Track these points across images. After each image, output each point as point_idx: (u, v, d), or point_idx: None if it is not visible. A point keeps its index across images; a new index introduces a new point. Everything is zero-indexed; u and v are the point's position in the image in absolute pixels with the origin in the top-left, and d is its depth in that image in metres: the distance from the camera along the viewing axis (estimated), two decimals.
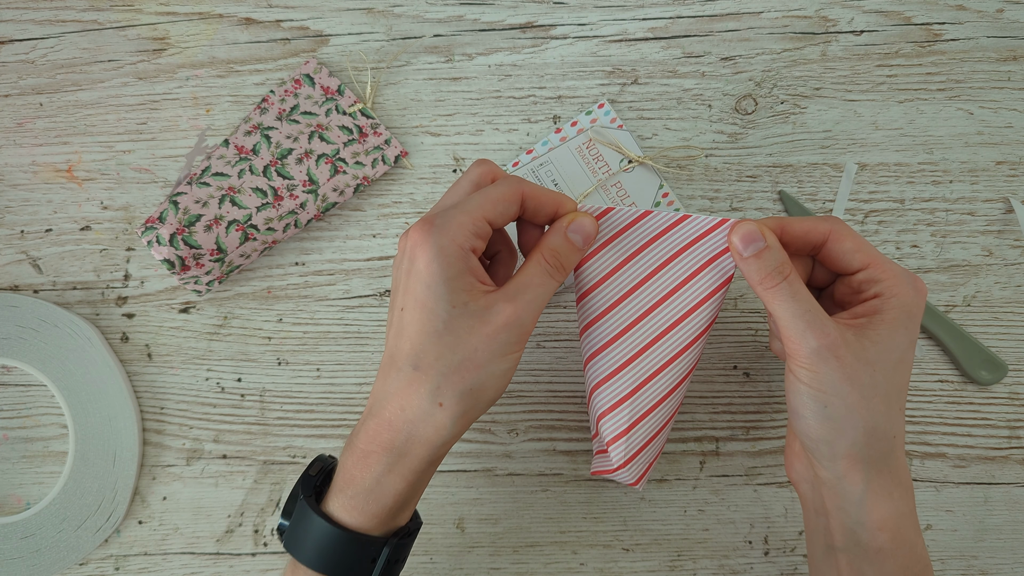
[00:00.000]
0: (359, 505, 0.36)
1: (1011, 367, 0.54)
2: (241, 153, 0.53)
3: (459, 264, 0.35)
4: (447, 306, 0.34)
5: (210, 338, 0.55)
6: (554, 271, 0.37)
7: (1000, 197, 0.56)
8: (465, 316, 0.35)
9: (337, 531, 0.36)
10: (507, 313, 0.35)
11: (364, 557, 0.36)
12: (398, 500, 0.36)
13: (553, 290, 0.38)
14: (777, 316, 0.36)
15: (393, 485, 0.36)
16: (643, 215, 0.41)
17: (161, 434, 0.55)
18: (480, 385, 0.35)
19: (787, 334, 0.36)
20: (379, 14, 0.57)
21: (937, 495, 0.54)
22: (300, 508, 0.37)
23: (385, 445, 0.36)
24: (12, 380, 0.55)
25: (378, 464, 0.36)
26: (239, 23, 0.57)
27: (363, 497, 0.36)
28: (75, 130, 0.56)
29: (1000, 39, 0.57)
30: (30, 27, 0.57)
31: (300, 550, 0.36)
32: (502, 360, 0.35)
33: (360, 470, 0.36)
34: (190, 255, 0.50)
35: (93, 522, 0.53)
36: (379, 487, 0.36)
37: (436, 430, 0.35)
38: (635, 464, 0.41)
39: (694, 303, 0.40)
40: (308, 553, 0.36)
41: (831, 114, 0.56)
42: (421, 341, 0.35)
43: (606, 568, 0.54)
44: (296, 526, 0.37)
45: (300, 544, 0.36)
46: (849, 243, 0.37)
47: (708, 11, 0.57)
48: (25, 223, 0.56)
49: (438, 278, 0.34)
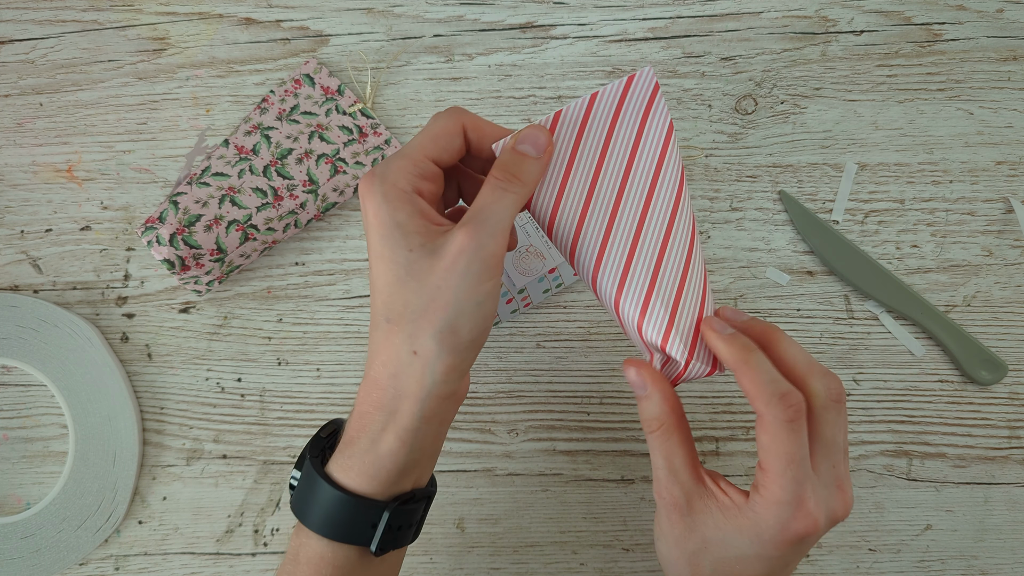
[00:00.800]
0: (356, 466, 0.35)
1: (1011, 367, 0.54)
2: (241, 153, 0.53)
3: (406, 208, 0.34)
4: (404, 251, 0.33)
5: (210, 338, 0.55)
6: (507, 184, 0.34)
7: (1000, 197, 0.56)
8: (423, 257, 0.33)
9: (336, 493, 0.35)
10: (460, 240, 0.33)
11: (363, 521, 0.35)
12: (394, 460, 0.35)
13: (513, 206, 0.35)
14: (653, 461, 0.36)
15: (388, 445, 0.35)
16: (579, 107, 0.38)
17: (161, 434, 0.54)
18: (452, 324, 0.33)
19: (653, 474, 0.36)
20: (379, 14, 0.57)
21: (937, 495, 0.54)
22: (306, 469, 0.36)
23: (376, 404, 0.35)
24: (12, 380, 0.55)
25: (372, 424, 0.35)
26: (239, 23, 0.57)
27: (359, 458, 0.35)
28: (75, 130, 0.56)
29: (1000, 39, 0.57)
30: (30, 27, 0.57)
31: (304, 512, 0.36)
32: (472, 293, 0.33)
33: (357, 431, 0.36)
34: (190, 255, 0.50)
35: (93, 522, 0.53)
36: (374, 448, 0.35)
37: (417, 381, 0.34)
38: (700, 350, 0.37)
39: (655, 165, 0.37)
40: (311, 515, 0.36)
41: (831, 114, 0.56)
42: (388, 292, 0.34)
43: (606, 568, 0.54)
44: (302, 487, 0.36)
45: (304, 505, 0.36)
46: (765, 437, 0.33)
47: (708, 11, 0.57)
48: (25, 223, 0.56)
49: (388, 225, 0.33)
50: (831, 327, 0.55)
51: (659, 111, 0.37)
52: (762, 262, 0.55)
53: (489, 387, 0.55)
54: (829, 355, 0.55)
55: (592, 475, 0.54)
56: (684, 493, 0.35)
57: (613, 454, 0.54)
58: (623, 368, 0.36)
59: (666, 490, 0.35)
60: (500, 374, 0.55)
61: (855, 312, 0.55)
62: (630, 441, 0.54)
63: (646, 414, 0.36)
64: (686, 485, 0.35)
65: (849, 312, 0.55)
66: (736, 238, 0.56)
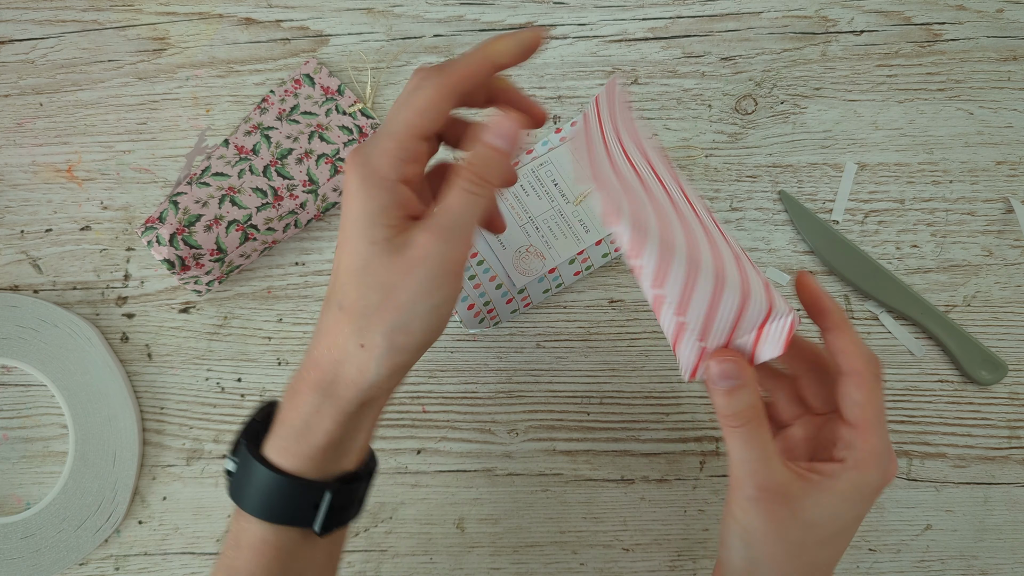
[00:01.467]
0: (291, 447, 0.34)
1: (1011, 367, 0.54)
2: (241, 153, 0.53)
3: (383, 197, 0.33)
4: (367, 243, 0.33)
5: (210, 338, 0.55)
6: (474, 186, 0.33)
7: (1000, 197, 0.56)
8: (385, 253, 0.32)
9: (275, 476, 0.34)
10: (422, 245, 0.32)
11: (304, 503, 0.35)
12: (330, 441, 0.34)
13: (480, 210, 0.34)
14: (729, 451, 0.35)
15: (322, 425, 0.34)
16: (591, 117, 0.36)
17: (161, 434, 0.54)
18: (403, 325, 0.33)
19: (733, 471, 0.35)
20: (379, 14, 0.57)
21: (937, 495, 0.54)
22: (242, 454, 0.36)
23: (312, 384, 0.34)
24: (12, 380, 0.55)
25: (305, 404, 0.34)
26: (239, 23, 0.57)
27: (294, 438, 0.34)
28: (75, 130, 0.56)
29: (1000, 39, 0.57)
30: (30, 27, 0.57)
31: (242, 497, 0.35)
32: (427, 297, 0.32)
33: (289, 411, 0.35)
34: (190, 255, 0.50)
35: (93, 522, 0.53)
36: (308, 428, 0.34)
37: (360, 371, 0.33)
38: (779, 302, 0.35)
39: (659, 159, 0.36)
40: (250, 500, 0.35)
41: (831, 114, 0.56)
42: (345, 280, 0.33)
43: (606, 568, 0.54)
44: (239, 473, 0.36)
45: (242, 491, 0.35)
46: (861, 394, 0.34)
47: (708, 11, 0.57)
48: (25, 223, 0.56)
49: (359, 213, 0.33)
50: None
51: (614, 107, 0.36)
52: (762, 262, 0.55)
53: (489, 387, 0.55)
54: None
55: (592, 475, 0.54)
56: (784, 480, 0.33)
57: (613, 454, 0.54)
58: (710, 362, 0.34)
59: (767, 480, 0.33)
60: (500, 374, 0.55)
61: (855, 312, 0.55)
62: (630, 441, 0.54)
63: (738, 406, 0.34)
64: (782, 472, 0.34)
65: (849, 312, 0.55)
66: (736, 238, 0.56)
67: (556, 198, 0.53)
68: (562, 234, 0.52)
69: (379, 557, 0.54)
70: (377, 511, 0.54)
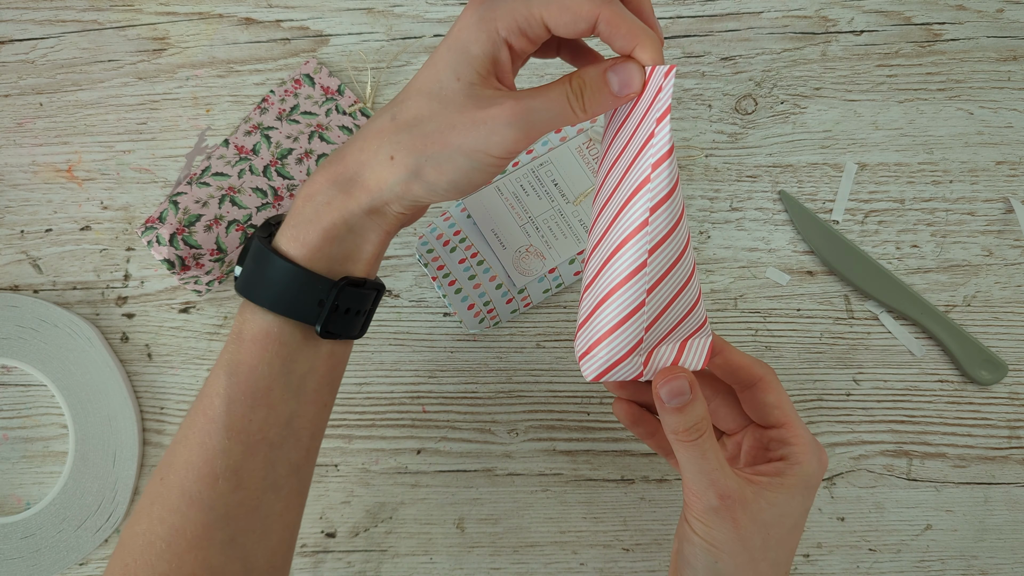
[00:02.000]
0: (301, 236, 0.35)
1: (1011, 367, 0.54)
2: (241, 153, 0.53)
3: (486, 47, 0.32)
4: (452, 76, 0.32)
5: (210, 338, 0.55)
6: (574, 98, 0.33)
7: (1000, 197, 0.56)
8: (463, 93, 0.32)
9: (286, 264, 0.34)
10: (505, 109, 0.32)
11: (310, 298, 0.35)
12: (335, 233, 0.35)
13: (563, 118, 0.33)
14: (683, 467, 0.35)
15: (330, 218, 0.34)
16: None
17: (161, 434, 0.54)
18: (437, 162, 0.33)
19: (689, 486, 0.35)
20: (379, 14, 0.57)
21: (937, 495, 0.54)
22: (254, 247, 0.36)
23: (330, 177, 0.35)
24: (12, 380, 0.55)
25: (318, 195, 0.35)
26: (239, 23, 0.57)
27: (304, 227, 0.35)
28: (75, 130, 0.56)
29: (1000, 39, 0.57)
30: (30, 27, 0.57)
31: (251, 289, 0.35)
32: (473, 155, 0.32)
33: (302, 200, 0.35)
34: (190, 255, 0.50)
35: (93, 522, 0.53)
36: (317, 217, 0.35)
37: (377, 180, 0.34)
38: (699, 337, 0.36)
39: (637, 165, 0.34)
40: (256, 289, 0.35)
41: (831, 114, 0.56)
42: (411, 96, 0.33)
43: (606, 568, 0.54)
44: (248, 266, 0.36)
45: (251, 283, 0.35)
46: (772, 396, 0.37)
47: (708, 11, 0.57)
48: (25, 223, 0.56)
49: (459, 47, 0.32)
50: (831, 327, 0.55)
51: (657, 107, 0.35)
52: (762, 262, 0.55)
53: (489, 387, 0.55)
54: (829, 355, 0.55)
55: (592, 475, 0.54)
56: (738, 486, 0.35)
57: (613, 454, 0.54)
58: (658, 382, 0.35)
59: (726, 489, 0.34)
60: (500, 374, 0.55)
61: (855, 312, 0.55)
62: (630, 441, 0.54)
63: (691, 420, 0.34)
64: (734, 479, 0.35)
65: (849, 312, 0.55)
66: (736, 238, 0.56)
67: (556, 198, 0.53)
68: (562, 234, 0.52)
69: (379, 557, 0.54)
70: (377, 511, 0.54)
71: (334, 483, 0.54)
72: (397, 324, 0.55)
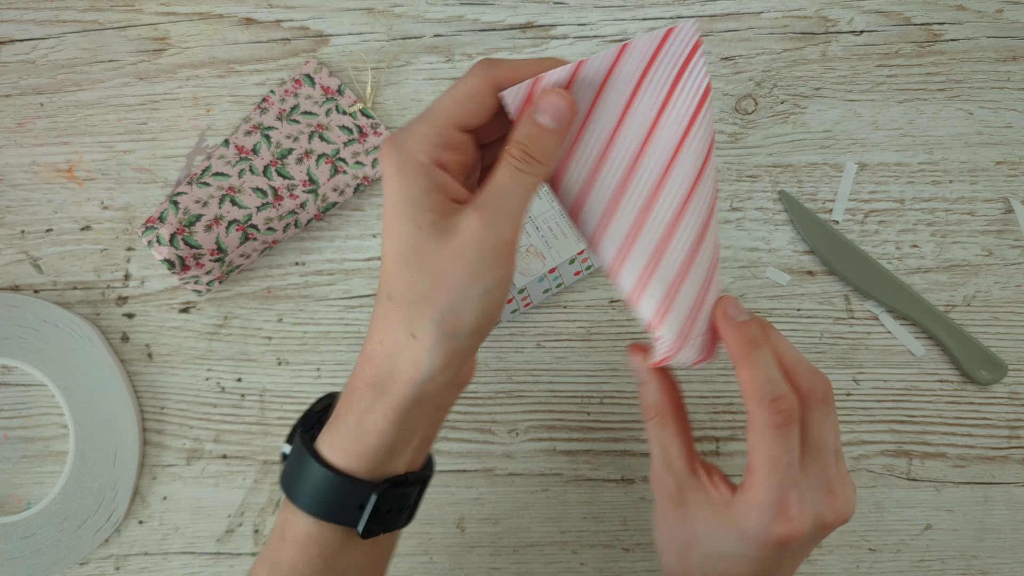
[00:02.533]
0: (343, 443, 0.34)
1: (1011, 367, 0.54)
2: (241, 153, 0.53)
3: (422, 182, 0.31)
4: (411, 228, 0.31)
5: (210, 338, 0.55)
6: (524, 164, 0.32)
7: (1000, 197, 0.56)
8: (432, 237, 0.31)
9: (323, 471, 0.33)
10: (472, 225, 0.31)
11: (350, 502, 0.34)
12: (383, 442, 0.33)
13: (531, 188, 0.32)
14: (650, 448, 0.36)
15: (375, 424, 0.33)
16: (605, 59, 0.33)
17: (161, 434, 0.55)
18: (454, 311, 0.31)
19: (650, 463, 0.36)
20: (379, 14, 0.57)
21: (937, 495, 0.54)
22: (296, 443, 0.35)
23: (367, 381, 0.33)
24: (12, 380, 0.55)
25: (361, 401, 0.33)
26: (239, 23, 0.57)
27: (346, 435, 0.34)
28: (75, 130, 0.56)
29: (1000, 39, 0.57)
30: (31, 27, 0.57)
31: (291, 488, 0.35)
32: (477, 280, 0.31)
33: (345, 407, 0.34)
34: (190, 255, 0.50)
35: (93, 522, 0.53)
36: (361, 425, 0.33)
37: (414, 365, 0.32)
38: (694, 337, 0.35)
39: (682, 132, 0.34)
40: (298, 492, 0.34)
41: (831, 114, 0.56)
42: (392, 270, 0.32)
43: (606, 568, 0.54)
44: (291, 462, 0.35)
45: (292, 481, 0.35)
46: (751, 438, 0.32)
47: (708, 11, 0.57)
48: (25, 223, 0.56)
49: (399, 199, 0.31)
50: (831, 327, 0.55)
51: (696, 72, 0.34)
52: (762, 262, 0.55)
53: (489, 387, 0.55)
54: (829, 355, 0.55)
55: (592, 475, 0.54)
56: (677, 483, 0.35)
57: (613, 454, 0.54)
58: (627, 351, 0.36)
59: (660, 479, 0.35)
60: (500, 374, 0.55)
61: (855, 312, 0.55)
62: (630, 441, 0.54)
63: (645, 401, 0.36)
64: (679, 475, 0.35)
65: (849, 312, 0.55)
66: (736, 238, 0.56)
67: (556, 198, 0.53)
68: (562, 234, 0.52)
69: None
70: None
71: None
72: None
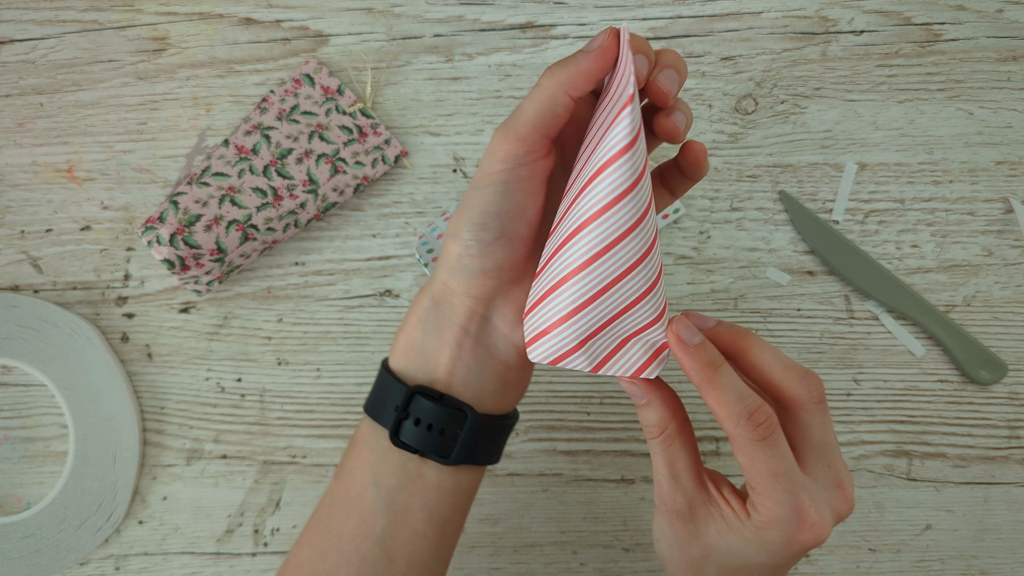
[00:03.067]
0: (396, 340, 0.37)
1: (1011, 367, 0.54)
2: (241, 153, 0.53)
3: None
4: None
5: (210, 338, 0.55)
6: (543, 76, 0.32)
7: (1000, 197, 0.56)
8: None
9: (381, 367, 0.37)
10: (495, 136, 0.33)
11: (389, 397, 0.35)
12: (410, 338, 0.36)
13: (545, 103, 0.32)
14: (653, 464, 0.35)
15: (407, 318, 0.36)
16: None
17: (161, 434, 0.55)
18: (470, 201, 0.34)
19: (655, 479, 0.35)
20: (379, 14, 0.57)
21: (937, 495, 0.54)
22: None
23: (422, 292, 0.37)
24: (12, 380, 0.55)
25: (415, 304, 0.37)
26: (239, 23, 0.57)
27: (398, 333, 0.37)
28: (75, 130, 0.56)
29: (1000, 39, 0.57)
30: (30, 27, 0.57)
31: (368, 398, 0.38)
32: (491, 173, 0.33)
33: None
34: (190, 255, 0.50)
35: (93, 522, 0.53)
36: (405, 321, 0.37)
37: (443, 259, 0.35)
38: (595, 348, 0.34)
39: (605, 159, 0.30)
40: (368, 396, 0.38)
41: (831, 114, 0.56)
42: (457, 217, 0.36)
43: (606, 568, 0.54)
44: None
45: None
46: (741, 459, 0.31)
47: (708, 11, 0.57)
48: (25, 223, 0.56)
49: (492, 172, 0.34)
50: (831, 327, 0.55)
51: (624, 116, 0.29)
52: (762, 262, 0.55)
53: None
54: (829, 355, 0.55)
55: (592, 475, 0.54)
56: (687, 500, 0.33)
57: (613, 454, 0.54)
58: (618, 378, 0.35)
59: (668, 497, 0.34)
60: None
61: (855, 312, 0.55)
62: (630, 441, 0.54)
63: (646, 421, 0.34)
64: (689, 492, 0.33)
65: (849, 312, 0.55)
66: (736, 238, 0.56)
67: None
68: None
69: None
70: None
71: None
72: (397, 324, 0.55)
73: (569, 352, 0.33)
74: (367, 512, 0.35)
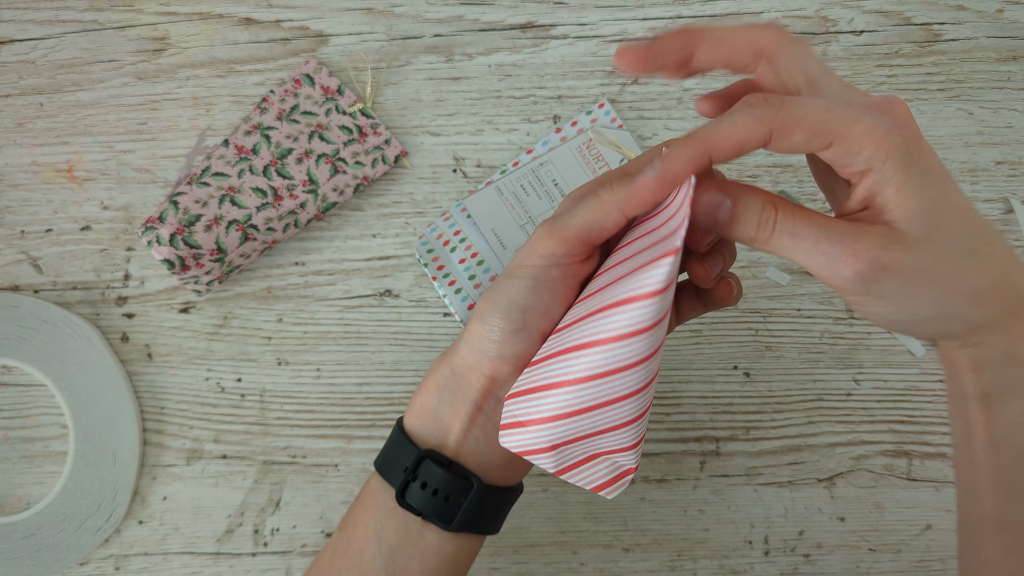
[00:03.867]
0: (412, 401, 0.37)
1: None
2: (241, 153, 0.53)
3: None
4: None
5: (210, 338, 0.55)
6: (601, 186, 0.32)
7: (1000, 197, 0.56)
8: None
9: (395, 426, 0.37)
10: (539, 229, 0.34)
11: (399, 458, 0.36)
12: (427, 403, 0.36)
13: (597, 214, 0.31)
14: (794, 261, 0.30)
15: (425, 384, 0.37)
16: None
17: (161, 434, 0.54)
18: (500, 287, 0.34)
19: (816, 273, 0.29)
20: (379, 14, 0.57)
21: (937, 495, 0.54)
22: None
23: (442, 359, 0.37)
24: (12, 380, 0.55)
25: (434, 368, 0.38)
26: (239, 23, 0.57)
27: (415, 395, 0.38)
28: (75, 130, 0.56)
29: (1000, 39, 0.57)
30: (30, 27, 0.57)
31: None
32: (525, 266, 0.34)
33: None
34: (190, 255, 0.50)
35: (93, 522, 0.53)
36: (423, 384, 0.37)
37: (466, 333, 0.35)
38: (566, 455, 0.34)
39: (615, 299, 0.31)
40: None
41: None
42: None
43: (606, 568, 0.54)
44: None
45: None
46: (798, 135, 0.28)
47: (708, 11, 0.57)
48: (25, 223, 0.56)
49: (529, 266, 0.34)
50: (831, 327, 0.55)
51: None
52: (762, 262, 0.55)
53: None
54: (829, 355, 0.55)
55: None
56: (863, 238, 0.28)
57: None
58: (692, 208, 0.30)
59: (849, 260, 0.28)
60: None
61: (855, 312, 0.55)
62: None
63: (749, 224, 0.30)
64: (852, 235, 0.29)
65: (849, 312, 0.55)
66: None
67: (556, 198, 0.53)
68: None
69: None
70: None
71: (334, 483, 0.54)
72: (397, 324, 0.55)
73: (539, 451, 0.33)
74: (367, 568, 0.36)
